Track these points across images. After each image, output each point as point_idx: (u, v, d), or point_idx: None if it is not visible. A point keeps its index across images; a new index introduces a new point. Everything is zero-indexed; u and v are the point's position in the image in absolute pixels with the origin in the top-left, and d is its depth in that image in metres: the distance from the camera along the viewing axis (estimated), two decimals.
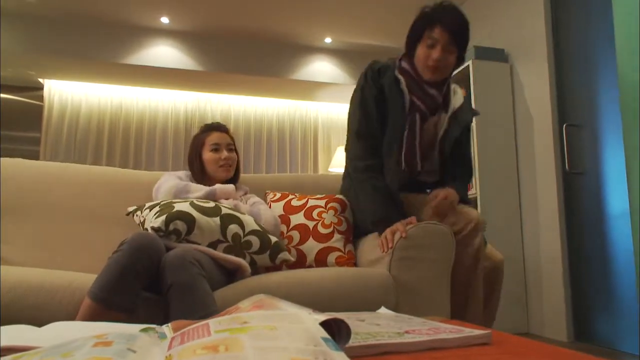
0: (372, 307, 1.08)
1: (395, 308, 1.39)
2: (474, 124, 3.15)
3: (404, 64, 1.64)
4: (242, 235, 1.46)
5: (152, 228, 1.35)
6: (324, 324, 0.56)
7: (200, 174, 1.79)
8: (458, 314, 1.50)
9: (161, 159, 4.74)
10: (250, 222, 1.52)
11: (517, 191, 3.16)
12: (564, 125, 2.80)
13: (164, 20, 4.21)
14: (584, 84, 2.75)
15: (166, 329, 0.76)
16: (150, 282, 1.24)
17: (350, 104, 1.70)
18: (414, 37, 1.60)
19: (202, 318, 1.10)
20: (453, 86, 1.72)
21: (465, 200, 1.67)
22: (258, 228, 1.52)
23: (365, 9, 4.03)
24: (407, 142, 1.59)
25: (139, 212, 1.58)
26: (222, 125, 1.88)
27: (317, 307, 1.30)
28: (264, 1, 3.95)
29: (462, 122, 1.68)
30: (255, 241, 1.48)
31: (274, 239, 1.54)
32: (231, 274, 1.48)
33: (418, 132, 1.60)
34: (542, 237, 2.94)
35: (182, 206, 1.42)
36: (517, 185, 3.16)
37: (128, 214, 1.66)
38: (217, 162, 1.76)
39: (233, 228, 1.45)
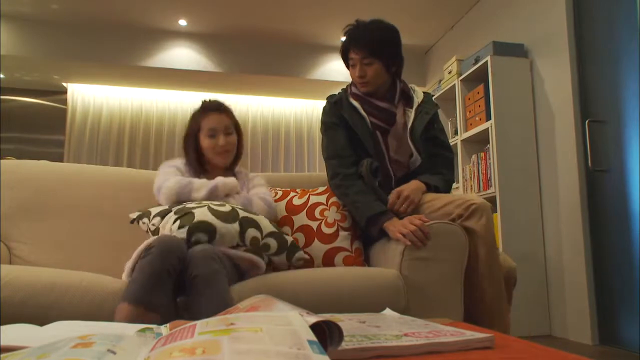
0: (382, 308, 1.06)
1: (405, 309, 1.36)
2: (492, 122, 3.08)
3: (354, 89, 1.80)
4: (260, 238, 1.44)
5: None
6: (316, 326, 0.54)
7: (196, 162, 1.70)
8: (470, 313, 1.45)
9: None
10: (266, 224, 1.48)
11: (538, 189, 3.07)
12: (587, 121, 2.71)
13: (182, 22, 4.26)
14: (608, 79, 2.66)
15: (164, 329, 0.75)
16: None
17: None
18: (344, 60, 1.79)
19: (218, 312, 1.12)
20: (411, 85, 1.85)
21: (440, 187, 1.70)
22: (274, 229, 1.49)
23: (380, 8, 3.99)
24: (380, 161, 1.71)
25: (145, 220, 1.52)
26: (220, 105, 1.72)
27: (325, 307, 1.29)
28: (279, 2, 3.95)
29: (429, 112, 1.79)
30: (273, 243, 1.46)
31: (289, 239, 1.52)
32: (243, 273, 1.47)
33: (384, 149, 1.74)
34: (564, 237, 2.86)
35: (201, 214, 1.39)
36: (538, 184, 3.08)
37: (132, 222, 1.58)
38: (214, 149, 1.67)
39: (251, 232, 1.43)
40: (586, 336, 2.66)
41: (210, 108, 1.70)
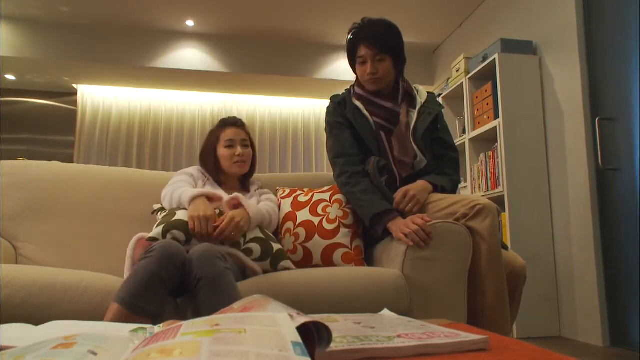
0: (383, 309, 1.04)
1: (407, 310, 1.35)
2: (500, 120, 3.05)
3: (357, 89, 1.80)
4: (242, 243, 1.46)
5: (149, 239, 1.38)
6: (304, 328, 0.53)
7: (214, 170, 1.78)
8: (472, 314, 1.43)
9: (189, 160, 4.82)
10: (252, 232, 1.50)
11: (547, 189, 3.03)
12: (597, 119, 2.66)
13: (189, 23, 4.28)
14: (618, 75, 2.61)
15: (157, 329, 0.75)
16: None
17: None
18: (351, 59, 1.78)
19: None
20: (414, 85, 1.84)
21: (446, 188, 1.68)
22: (261, 235, 1.50)
23: (387, 6, 3.97)
24: (384, 159, 1.70)
25: (159, 213, 1.62)
26: (237, 120, 1.86)
27: (327, 307, 1.28)
28: (287, 1, 3.95)
29: (432, 112, 1.76)
30: (256, 249, 1.46)
31: (277, 246, 1.51)
32: (244, 272, 1.48)
33: (388, 149, 1.72)
34: (574, 236, 2.81)
35: (181, 215, 1.45)
36: (547, 183, 3.03)
37: (153, 212, 1.70)
38: (231, 159, 1.76)
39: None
40: (597, 337, 2.61)
41: (229, 122, 1.84)
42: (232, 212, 1.48)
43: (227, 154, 1.76)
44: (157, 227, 1.42)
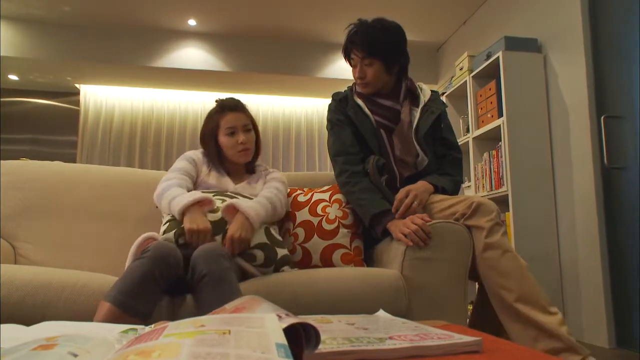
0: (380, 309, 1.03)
1: (406, 311, 1.34)
2: (504, 119, 3.02)
3: (358, 87, 1.79)
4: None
5: None
6: (293, 329, 0.52)
7: (217, 157, 1.69)
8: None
9: None
10: (257, 237, 1.44)
11: (552, 188, 3.00)
12: (603, 117, 2.63)
13: (191, 22, 4.28)
14: (624, 73, 2.57)
15: (149, 330, 0.74)
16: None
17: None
18: (348, 61, 1.77)
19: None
20: (418, 84, 1.82)
21: (447, 189, 1.66)
22: (266, 241, 1.45)
23: (391, 5, 3.95)
24: (385, 160, 1.69)
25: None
26: (237, 103, 1.72)
27: (325, 308, 1.27)
28: (289, 0, 3.93)
29: (435, 111, 1.74)
30: (260, 255, 1.42)
31: (282, 252, 1.47)
32: (244, 273, 1.47)
33: (389, 148, 1.71)
34: (580, 236, 2.78)
35: None
36: (552, 182, 3.00)
37: (157, 207, 1.64)
38: (235, 147, 1.65)
39: None
40: (602, 339, 2.58)
41: (228, 107, 1.70)
42: (230, 228, 1.40)
43: (229, 143, 1.65)
44: (167, 231, 1.39)
